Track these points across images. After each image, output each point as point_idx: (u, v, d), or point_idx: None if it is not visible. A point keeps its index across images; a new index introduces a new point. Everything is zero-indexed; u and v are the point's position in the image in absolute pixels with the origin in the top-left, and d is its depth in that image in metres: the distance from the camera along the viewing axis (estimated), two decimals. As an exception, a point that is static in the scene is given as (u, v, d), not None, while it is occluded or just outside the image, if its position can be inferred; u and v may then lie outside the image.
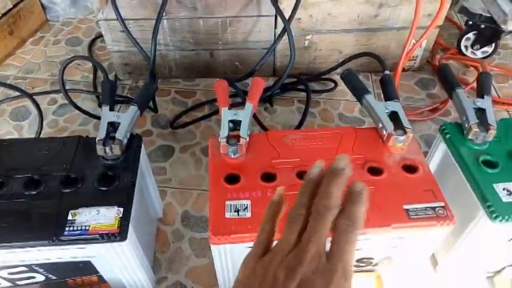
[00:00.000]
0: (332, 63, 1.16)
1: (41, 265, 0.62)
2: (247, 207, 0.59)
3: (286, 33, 0.89)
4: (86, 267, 0.64)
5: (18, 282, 0.67)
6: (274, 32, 1.08)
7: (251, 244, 0.58)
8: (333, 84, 1.17)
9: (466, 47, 1.23)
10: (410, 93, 1.14)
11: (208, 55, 1.13)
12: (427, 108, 1.09)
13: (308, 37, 1.10)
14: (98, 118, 1.02)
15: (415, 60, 1.20)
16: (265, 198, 0.60)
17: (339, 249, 0.32)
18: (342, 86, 1.17)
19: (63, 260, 0.61)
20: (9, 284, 0.67)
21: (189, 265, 0.80)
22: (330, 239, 0.34)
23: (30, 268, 0.63)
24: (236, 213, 0.58)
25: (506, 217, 0.58)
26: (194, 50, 1.12)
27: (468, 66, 1.23)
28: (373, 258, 0.67)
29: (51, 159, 0.65)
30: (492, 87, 1.00)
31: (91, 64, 1.22)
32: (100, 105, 1.08)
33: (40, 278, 0.66)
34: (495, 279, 0.76)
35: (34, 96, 0.95)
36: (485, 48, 1.20)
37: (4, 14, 1.22)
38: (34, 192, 0.61)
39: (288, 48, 0.97)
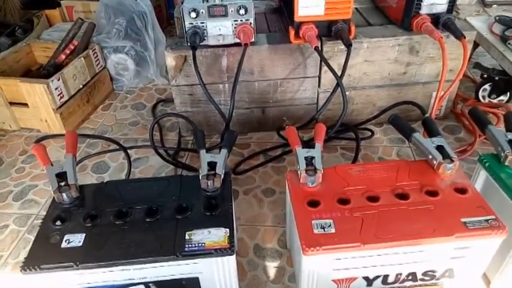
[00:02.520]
0: (367, 115, 1.33)
1: (155, 282, 0.74)
2: (331, 224, 0.72)
3: (339, 87, 1.07)
4: (192, 285, 0.75)
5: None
6: (317, 90, 1.27)
7: (337, 255, 0.71)
8: (369, 133, 1.32)
9: (483, 96, 1.40)
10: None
11: (261, 112, 1.31)
12: (457, 150, 1.24)
13: (347, 93, 1.28)
14: (174, 164, 1.18)
15: (440, 109, 1.36)
16: (344, 218, 0.73)
17: None
18: (377, 134, 1.34)
19: (176, 277, 0.73)
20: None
21: (267, 290, 0.90)
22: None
23: (146, 286, 0.74)
24: (322, 230, 0.71)
25: (550, 226, 0.69)
26: (249, 108, 1.30)
27: (486, 112, 1.39)
28: (436, 271, 0.77)
29: (162, 193, 0.80)
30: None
31: (157, 125, 1.41)
32: (166, 158, 1.24)
33: (150, 297, 0.77)
34: (546, 294, 0.84)
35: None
36: (501, 97, 1.37)
37: (84, 85, 1.44)
38: (153, 219, 0.74)
39: (330, 103, 1.14)
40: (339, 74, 1.09)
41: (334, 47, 1.17)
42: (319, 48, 1.10)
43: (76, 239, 0.71)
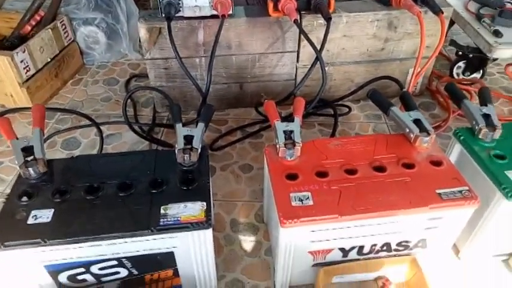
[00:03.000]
0: (345, 91, 1.33)
1: (129, 258, 0.72)
2: (308, 197, 0.71)
3: (318, 61, 1.05)
4: (167, 260, 0.74)
5: (103, 279, 0.76)
6: (296, 65, 1.25)
7: (315, 227, 0.70)
8: (347, 109, 1.32)
9: (457, 74, 1.42)
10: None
11: (238, 87, 1.29)
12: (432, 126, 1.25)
13: (326, 69, 1.26)
14: (149, 140, 1.15)
15: (416, 86, 1.38)
16: (322, 190, 0.73)
17: None
18: (355, 110, 1.34)
19: (150, 252, 0.71)
20: (94, 281, 0.76)
21: (243, 264, 0.89)
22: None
23: (120, 262, 0.72)
24: (300, 202, 0.70)
25: (519, 195, 0.71)
26: (226, 84, 1.27)
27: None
28: (410, 242, 0.78)
29: (136, 168, 0.77)
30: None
31: (130, 100, 1.36)
32: (140, 134, 1.20)
33: (124, 273, 0.75)
34: (510, 261, 0.88)
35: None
36: (474, 75, 1.40)
37: (52, 59, 1.37)
38: (126, 194, 0.72)
39: (308, 79, 1.13)
40: (318, 48, 1.07)
41: (313, 21, 1.15)
42: (299, 21, 1.08)
43: (44, 215, 0.68)
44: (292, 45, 1.20)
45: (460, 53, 1.38)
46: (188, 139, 0.79)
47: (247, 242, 0.94)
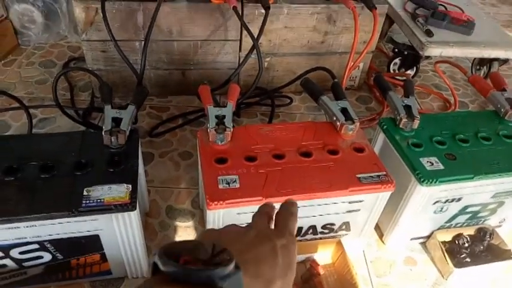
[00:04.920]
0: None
1: (51, 241, 0.70)
2: (236, 180, 0.73)
3: (254, 50, 1.07)
4: (92, 243, 0.72)
5: (25, 264, 0.73)
6: (239, 54, 1.26)
7: (240, 210, 0.72)
8: (288, 100, 1.36)
9: (394, 70, 1.49)
10: (353, 107, 1.34)
11: (181, 74, 1.28)
12: (366, 118, 1.32)
13: (267, 59, 1.29)
14: (83, 124, 1.11)
15: (355, 80, 1.44)
16: (249, 174, 0.74)
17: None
18: (296, 102, 1.37)
19: (74, 235, 0.70)
20: (15, 266, 0.73)
21: (176, 249, 0.89)
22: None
23: (42, 245, 0.70)
24: (227, 185, 0.72)
25: (430, 180, 0.77)
26: (168, 70, 1.26)
27: (396, 85, 1.49)
28: (334, 224, 0.82)
29: (60, 149, 0.75)
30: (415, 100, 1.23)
31: (66, 84, 1.31)
32: (74, 118, 1.16)
33: (47, 257, 0.73)
34: (427, 244, 0.95)
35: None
36: (408, 71, 1.48)
37: (-20, 36, 1.29)
38: (48, 175, 0.70)
39: (250, 69, 1.15)
40: (257, 34, 1.09)
41: (254, 11, 1.16)
42: (237, 8, 1.08)
43: (-45, 196, 0.64)
44: (234, 33, 1.21)
45: (396, 50, 1.45)
46: (117, 121, 0.77)
47: (183, 227, 0.94)
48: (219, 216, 0.72)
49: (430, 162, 0.80)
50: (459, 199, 0.85)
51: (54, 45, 1.51)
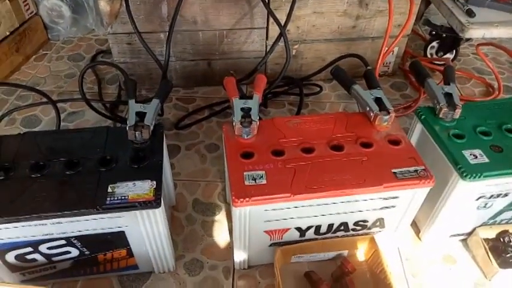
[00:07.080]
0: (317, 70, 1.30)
1: (78, 237, 0.70)
2: (262, 176, 0.69)
3: (282, 38, 1.02)
4: (118, 239, 0.72)
5: (54, 258, 0.74)
6: (266, 42, 1.22)
7: (268, 206, 0.69)
8: (318, 89, 1.30)
9: (431, 54, 1.40)
10: (387, 94, 1.26)
11: (206, 65, 1.25)
12: (401, 106, 1.25)
13: (296, 46, 1.24)
14: (111, 118, 1.11)
15: (389, 66, 1.36)
16: (277, 169, 0.71)
17: None
18: (326, 90, 1.32)
19: (100, 232, 0.69)
20: (44, 260, 0.73)
21: (203, 244, 0.88)
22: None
23: (68, 241, 0.70)
24: (254, 181, 0.69)
25: (474, 175, 0.71)
26: (193, 61, 1.23)
27: (434, 71, 1.40)
28: (367, 221, 0.78)
29: (85, 145, 0.74)
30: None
31: (94, 77, 1.32)
32: (101, 111, 1.16)
33: (75, 252, 0.73)
34: (468, 241, 0.88)
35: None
36: (447, 55, 1.38)
37: (12, 33, 1.31)
38: (74, 172, 0.69)
39: (278, 57, 1.10)
40: (284, 22, 1.04)
41: (281, -4, 1.11)
42: (264, -5, 1.04)
43: (-15, 193, 0.65)
44: (261, 21, 1.16)
45: (434, 32, 1.36)
46: (141, 116, 0.76)
47: (209, 222, 0.93)
48: (245, 213, 0.69)
49: (474, 155, 0.74)
50: (506, 194, 0.78)
51: (82, 38, 1.52)
